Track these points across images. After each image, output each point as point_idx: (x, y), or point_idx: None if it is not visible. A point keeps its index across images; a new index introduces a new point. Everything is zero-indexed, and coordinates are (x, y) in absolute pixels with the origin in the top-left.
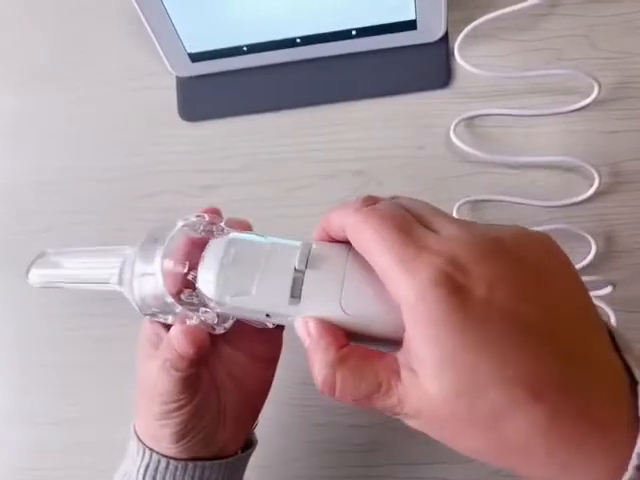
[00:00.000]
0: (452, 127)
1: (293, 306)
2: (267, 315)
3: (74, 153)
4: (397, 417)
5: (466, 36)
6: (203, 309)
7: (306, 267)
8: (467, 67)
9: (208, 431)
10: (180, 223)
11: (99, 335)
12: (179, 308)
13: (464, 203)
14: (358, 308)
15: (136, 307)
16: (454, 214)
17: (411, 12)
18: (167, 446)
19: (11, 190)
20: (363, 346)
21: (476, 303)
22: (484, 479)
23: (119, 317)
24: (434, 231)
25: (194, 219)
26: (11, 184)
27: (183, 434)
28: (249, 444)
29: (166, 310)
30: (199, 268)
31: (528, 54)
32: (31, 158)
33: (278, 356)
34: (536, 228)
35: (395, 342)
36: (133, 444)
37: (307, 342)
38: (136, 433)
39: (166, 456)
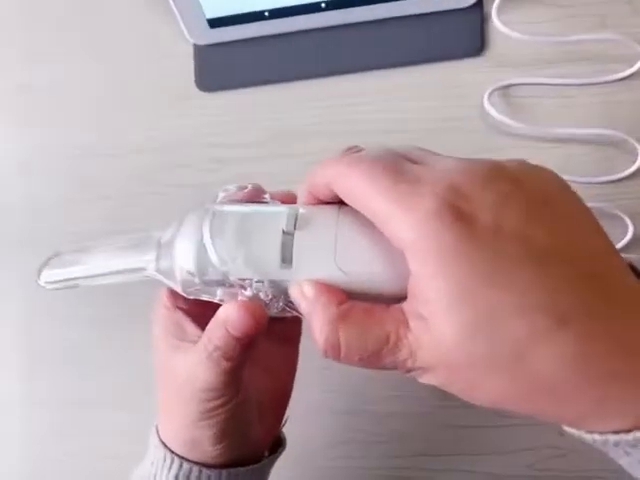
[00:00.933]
0: (486, 96)
1: (285, 270)
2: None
3: (89, 126)
4: (410, 374)
5: (502, 0)
6: (256, 283)
7: (295, 229)
8: (505, 31)
9: (247, 429)
10: (221, 194)
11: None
12: (233, 277)
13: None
14: (355, 264)
15: (179, 287)
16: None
17: None
18: (205, 449)
19: (28, 167)
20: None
21: (483, 230)
22: (510, 471)
23: (130, 296)
24: (427, 165)
25: (235, 189)
26: (27, 161)
27: (225, 434)
28: (278, 442)
29: (214, 284)
30: (176, 240)
31: (568, 20)
32: (45, 134)
33: (300, 334)
34: None
35: (400, 299)
36: (159, 452)
37: (304, 305)
38: (162, 440)
39: (198, 464)
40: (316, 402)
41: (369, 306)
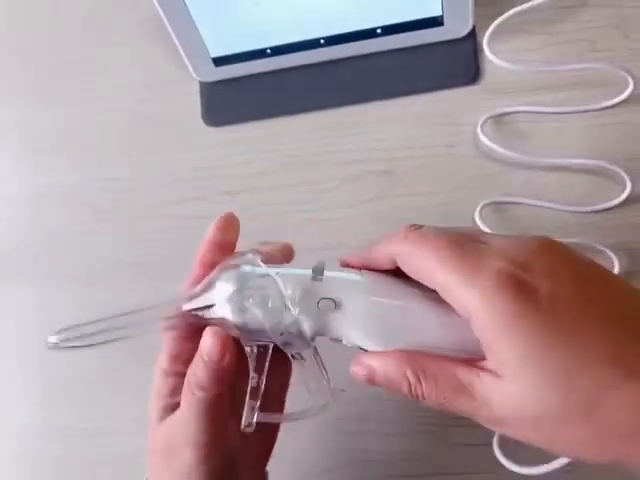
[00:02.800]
0: (479, 125)
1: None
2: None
3: (98, 162)
4: (490, 425)
5: (494, 31)
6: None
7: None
8: (497, 61)
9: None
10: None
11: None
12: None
13: (488, 204)
14: (420, 340)
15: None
16: (476, 215)
17: (437, 8)
18: None
19: (34, 202)
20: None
21: (543, 297)
22: None
23: None
24: (485, 242)
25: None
26: (34, 195)
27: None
28: None
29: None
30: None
31: (559, 47)
32: (54, 169)
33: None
34: (558, 235)
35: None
36: None
37: (376, 378)
38: None
39: None
40: (325, 421)
41: (441, 360)
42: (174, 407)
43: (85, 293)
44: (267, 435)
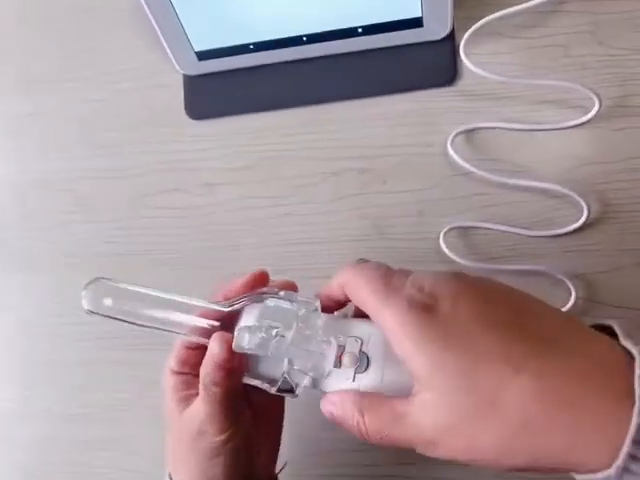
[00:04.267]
0: (449, 140)
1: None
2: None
3: (80, 152)
4: (424, 451)
5: (472, 34)
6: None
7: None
8: (472, 68)
9: (251, 469)
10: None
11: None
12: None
13: (452, 228)
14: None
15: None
16: (442, 234)
17: (417, 10)
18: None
19: (17, 190)
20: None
21: (445, 314)
22: None
23: None
24: (409, 275)
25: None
26: (17, 183)
27: (232, 475)
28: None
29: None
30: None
31: (534, 51)
32: (36, 158)
33: None
34: (516, 260)
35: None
36: None
37: (334, 415)
38: None
39: None
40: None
41: (384, 396)
42: (188, 398)
43: (65, 280)
44: (275, 419)
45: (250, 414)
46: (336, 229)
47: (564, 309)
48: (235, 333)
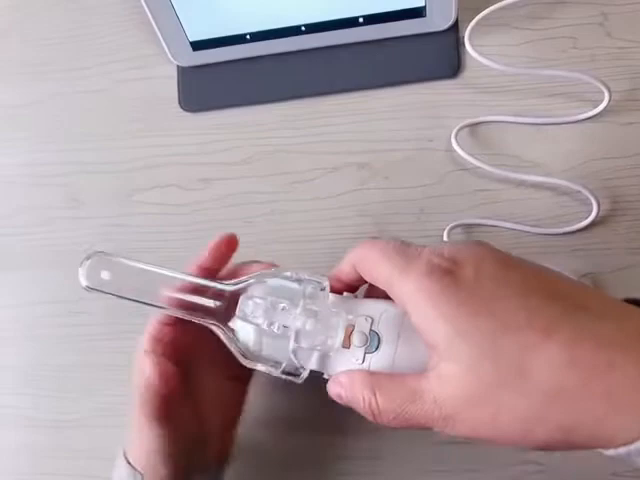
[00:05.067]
0: (453, 134)
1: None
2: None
3: (73, 144)
4: (443, 429)
5: (477, 25)
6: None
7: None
8: (477, 57)
9: (199, 451)
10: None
11: (96, 334)
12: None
13: (457, 225)
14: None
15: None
16: (445, 235)
17: None
18: (162, 460)
19: (9, 183)
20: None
21: (467, 278)
22: None
23: (113, 316)
24: (425, 246)
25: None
26: (9, 176)
27: (179, 443)
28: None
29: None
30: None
31: (542, 43)
32: (29, 150)
33: (251, 375)
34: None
35: None
36: (124, 471)
37: (343, 396)
38: (127, 460)
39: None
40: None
41: (395, 375)
42: None
43: (56, 277)
44: (231, 406)
45: (209, 404)
46: (336, 226)
47: None
48: (239, 304)
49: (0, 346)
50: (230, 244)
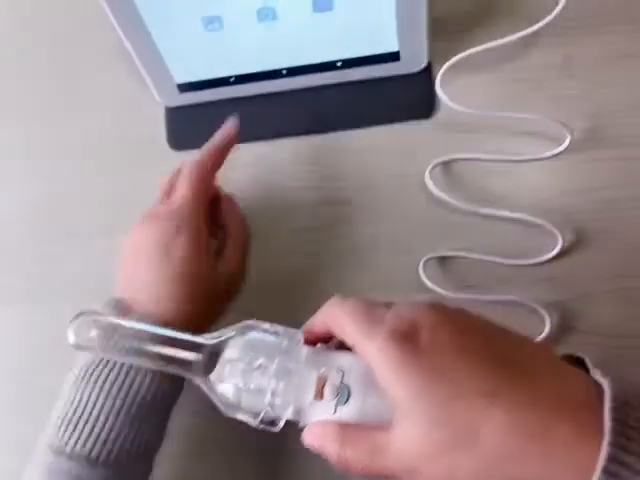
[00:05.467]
0: (427, 171)
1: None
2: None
3: (64, 180)
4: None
5: (448, 68)
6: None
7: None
8: (447, 102)
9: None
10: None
11: None
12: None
13: (431, 258)
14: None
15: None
16: (421, 266)
17: (394, 44)
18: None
19: (8, 217)
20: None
21: (425, 345)
22: None
23: None
24: (391, 308)
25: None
26: (8, 211)
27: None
28: None
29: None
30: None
31: (509, 84)
32: (20, 185)
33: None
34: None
35: None
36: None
37: (316, 447)
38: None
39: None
40: None
41: (363, 428)
42: None
43: (50, 309)
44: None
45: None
46: (319, 259)
47: (540, 336)
48: (218, 365)
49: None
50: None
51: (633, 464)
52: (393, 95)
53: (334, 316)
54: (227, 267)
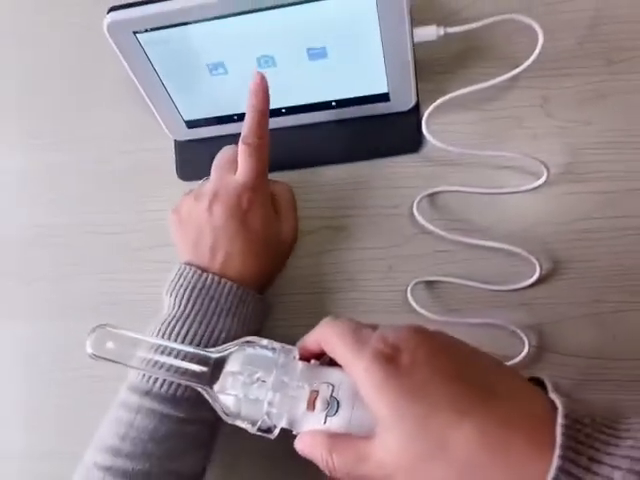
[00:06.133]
0: (415, 201)
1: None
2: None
3: (79, 208)
4: None
5: (434, 108)
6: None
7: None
8: (432, 141)
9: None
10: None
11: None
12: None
13: (419, 282)
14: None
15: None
16: (409, 290)
17: (384, 86)
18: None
19: (22, 243)
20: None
21: (405, 366)
22: None
23: None
24: (375, 330)
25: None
26: (22, 237)
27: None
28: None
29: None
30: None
31: (492, 122)
32: (35, 213)
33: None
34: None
35: None
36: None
37: (306, 453)
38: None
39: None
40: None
41: (349, 437)
42: None
43: (64, 328)
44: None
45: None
46: (315, 282)
47: (519, 357)
48: (221, 378)
49: (17, 391)
50: (264, 81)
51: (581, 476)
52: (384, 132)
53: (326, 336)
54: (286, 226)
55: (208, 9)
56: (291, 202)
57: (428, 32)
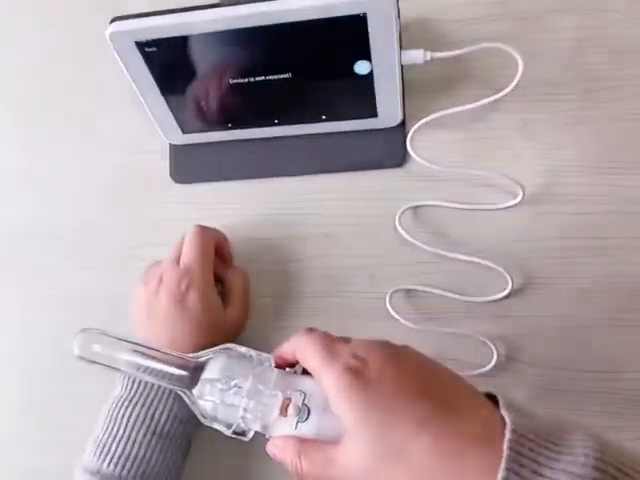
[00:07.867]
0: (398, 214)
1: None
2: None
3: (77, 207)
4: None
5: (419, 126)
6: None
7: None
8: (416, 158)
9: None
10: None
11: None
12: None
13: (397, 290)
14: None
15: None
16: (387, 297)
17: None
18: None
19: (22, 240)
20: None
21: (372, 380)
22: None
23: None
24: (348, 343)
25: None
26: (13, 234)
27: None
28: None
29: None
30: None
31: (473, 143)
32: (35, 212)
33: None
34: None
35: None
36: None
37: (277, 457)
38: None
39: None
40: None
41: (318, 443)
42: None
43: (60, 326)
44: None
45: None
46: (301, 286)
47: (488, 366)
48: (199, 383)
49: (10, 390)
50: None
51: None
52: (371, 146)
53: (300, 346)
54: (234, 314)
55: (211, 23)
56: (242, 290)
57: (415, 56)
